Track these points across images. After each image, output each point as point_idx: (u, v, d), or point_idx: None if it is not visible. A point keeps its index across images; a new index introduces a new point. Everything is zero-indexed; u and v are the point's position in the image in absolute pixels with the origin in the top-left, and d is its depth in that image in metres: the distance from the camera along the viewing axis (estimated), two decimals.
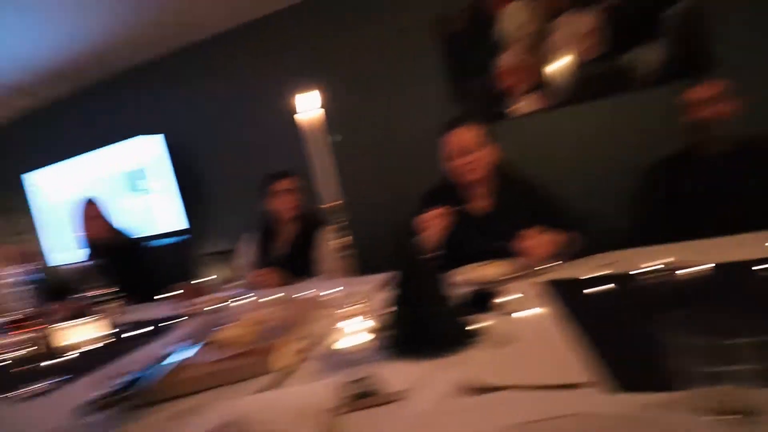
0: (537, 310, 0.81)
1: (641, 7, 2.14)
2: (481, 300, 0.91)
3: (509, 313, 0.82)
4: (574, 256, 1.16)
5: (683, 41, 2.10)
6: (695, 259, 0.89)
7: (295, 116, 0.90)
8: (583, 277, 0.96)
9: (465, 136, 1.36)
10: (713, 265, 0.85)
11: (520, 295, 0.91)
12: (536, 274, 1.05)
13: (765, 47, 2.02)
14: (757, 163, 1.44)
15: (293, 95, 0.90)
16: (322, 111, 0.89)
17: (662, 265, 0.90)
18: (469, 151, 1.35)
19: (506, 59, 2.35)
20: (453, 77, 2.46)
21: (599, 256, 1.13)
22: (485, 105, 2.41)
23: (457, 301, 0.87)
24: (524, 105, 2.35)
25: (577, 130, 2.33)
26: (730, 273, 0.82)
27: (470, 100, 2.43)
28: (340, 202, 0.93)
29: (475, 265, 1.16)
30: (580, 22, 2.24)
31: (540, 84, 2.32)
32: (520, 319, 0.80)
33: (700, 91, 1.47)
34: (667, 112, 1.75)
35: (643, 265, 0.92)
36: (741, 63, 1.99)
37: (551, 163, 2.34)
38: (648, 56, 2.16)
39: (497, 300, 0.89)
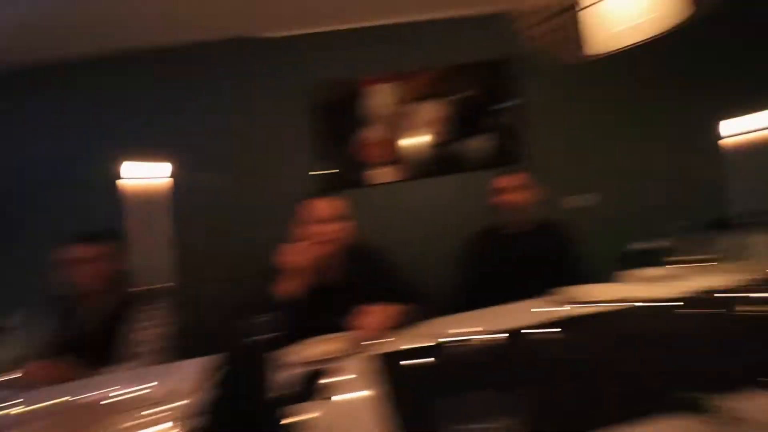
0: (360, 393, 0.81)
1: (482, 104, 2.66)
2: (309, 384, 0.88)
3: (331, 397, 0.81)
4: (412, 326, 1.20)
5: (506, 135, 2.67)
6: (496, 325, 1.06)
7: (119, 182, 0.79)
8: (403, 349, 1.00)
9: (325, 206, 1.39)
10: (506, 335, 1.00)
11: (350, 375, 0.89)
12: (371, 348, 1.05)
13: (559, 149, 2.70)
14: (550, 242, 1.83)
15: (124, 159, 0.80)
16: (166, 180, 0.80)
17: (465, 336, 1.00)
18: (326, 221, 1.37)
19: (370, 133, 2.59)
20: (320, 145, 2.58)
21: (426, 324, 1.21)
22: (348, 172, 2.58)
23: (282, 389, 0.83)
24: (382, 175, 2.60)
25: (427, 201, 2.63)
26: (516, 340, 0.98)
27: (334, 166, 2.57)
28: (166, 276, 0.83)
29: (314, 340, 1.13)
30: (433, 110, 2.65)
31: (397, 158, 2.61)
32: (341, 403, 0.79)
33: (505, 180, 1.84)
34: None
35: (452, 332, 1.03)
36: (543, 159, 2.62)
37: (403, 231, 2.58)
38: (482, 144, 2.66)
39: (325, 382, 0.88)
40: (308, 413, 0.75)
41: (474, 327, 1.06)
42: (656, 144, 2.80)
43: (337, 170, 2.57)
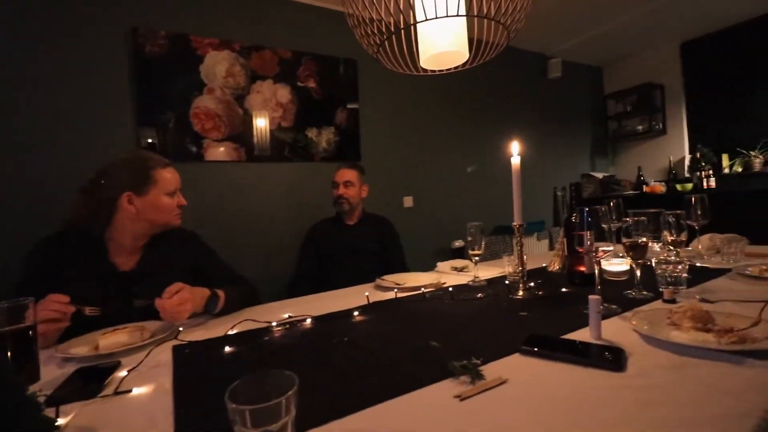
0: (152, 385, 0.72)
1: (325, 98, 2.69)
2: (97, 378, 0.74)
3: (116, 394, 0.69)
4: (226, 311, 1.13)
5: (346, 132, 2.79)
6: (309, 311, 1.10)
7: None
8: (213, 338, 0.93)
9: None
10: (310, 318, 1.02)
11: (139, 368, 0.78)
12: (171, 337, 0.93)
13: (383, 149, 2.99)
14: (378, 234, 2.01)
15: None
16: None
17: (274, 323, 0.98)
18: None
19: (204, 101, 2.32)
20: (144, 104, 2.17)
21: (247, 310, 1.18)
22: (177, 141, 2.25)
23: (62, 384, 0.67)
24: (220, 152, 2.36)
25: (266, 185, 2.52)
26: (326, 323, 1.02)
27: (162, 131, 2.21)
28: None
29: (103, 332, 0.95)
30: (277, 92, 2.55)
31: (235, 135, 2.40)
32: (134, 397, 0.69)
33: (342, 173, 1.95)
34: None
35: (267, 321, 1.02)
36: (372, 157, 2.86)
37: (240, 212, 2.44)
38: (324, 137, 2.72)
39: (116, 376, 0.75)
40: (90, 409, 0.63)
41: (295, 312, 1.08)
42: (464, 157, 3.42)
43: (167, 137, 2.20)
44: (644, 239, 1.05)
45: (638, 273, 1.08)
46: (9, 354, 0.74)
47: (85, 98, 2.04)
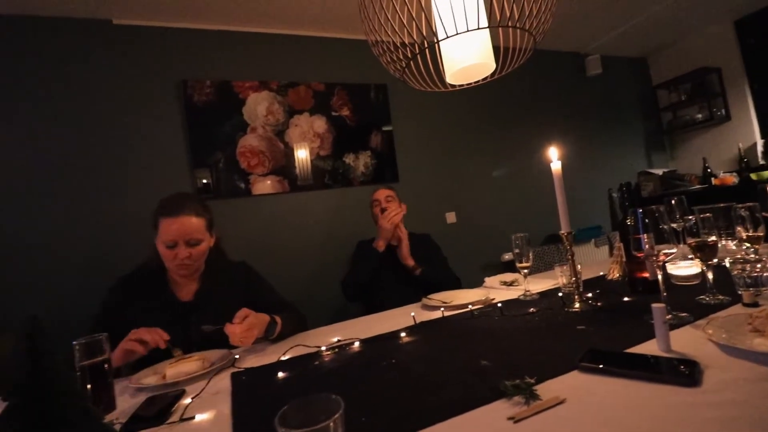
0: (204, 415, 0.75)
1: (360, 124, 2.78)
2: (154, 409, 0.79)
3: (181, 421, 0.74)
4: (282, 336, 1.17)
5: (382, 155, 2.84)
6: (368, 332, 1.11)
7: None
8: (267, 364, 0.96)
9: (190, 224, 1.17)
10: (358, 341, 1.03)
11: (201, 395, 0.82)
12: (229, 365, 0.98)
13: (421, 168, 2.99)
14: (421, 251, 1.99)
15: None
16: None
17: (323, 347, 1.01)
18: (192, 242, 1.18)
19: (249, 140, 2.48)
20: (197, 148, 2.37)
21: (297, 336, 1.21)
22: (227, 179, 2.42)
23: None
24: (265, 186, 2.50)
25: (309, 212, 2.61)
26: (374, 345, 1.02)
27: (213, 171, 2.40)
28: None
29: (169, 362, 1.03)
30: (314, 124, 2.67)
31: (278, 168, 2.54)
32: (199, 423, 0.73)
33: (377, 193, 1.97)
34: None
35: (321, 346, 1.03)
36: (410, 177, 2.88)
37: (286, 241, 2.54)
38: (362, 161, 2.79)
39: (174, 405, 0.80)
40: None
41: (343, 336, 1.09)
42: (504, 167, 3.33)
43: (217, 177, 2.39)
44: (713, 238, 0.95)
45: (710, 275, 0.97)
46: (88, 386, 0.82)
47: (148, 145, 2.27)
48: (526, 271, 1.31)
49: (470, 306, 1.23)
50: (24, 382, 0.54)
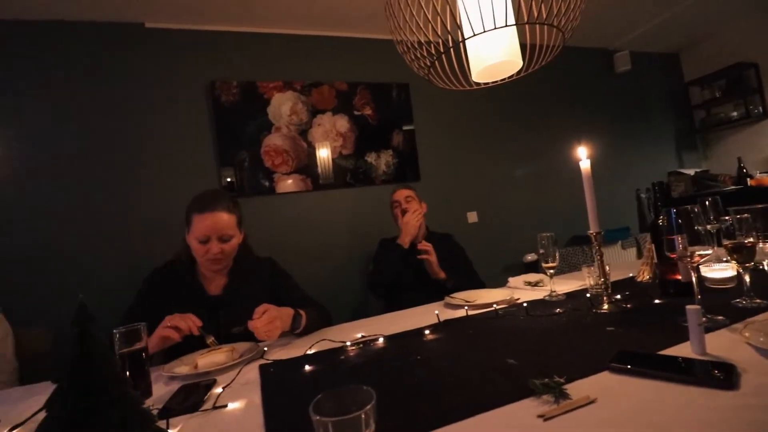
0: (246, 401, 0.79)
1: (382, 123, 2.80)
2: (188, 397, 0.83)
3: (224, 406, 0.77)
4: (308, 331, 1.19)
5: (403, 154, 2.85)
6: (392, 329, 1.12)
7: None
8: (294, 357, 0.98)
9: (222, 221, 1.20)
10: (382, 338, 1.04)
11: (232, 385, 0.85)
12: (257, 356, 1.01)
13: (442, 167, 2.98)
14: (444, 251, 1.98)
15: None
16: None
17: (347, 342, 1.02)
18: (225, 238, 1.22)
19: (273, 139, 2.54)
20: (223, 147, 2.44)
21: (323, 331, 1.23)
22: (252, 177, 2.48)
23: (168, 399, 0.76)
24: (288, 184, 2.55)
25: (331, 211, 2.64)
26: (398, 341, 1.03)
27: (238, 170, 2.46)
28: None
29: (201, 352, 1.06)
30: (336, 123, 2.70)
31: (301, 167, 2.58)
32: (230, 413, 0.76)
33: (397, 194, 1.98)
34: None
35: (347, 341, 1.05)
36: (431, 176, 2.87)
37: (308, 238, 2.58)
38: (383, 160, 2.80)
39: (213, 392, 0.83)
40: (194, 422, 0.70)
41: (367, 332, 1.10)
42: (529, 166, 3.27)
43: (243, 175, 2.45)
44: (750, 239, 0.92)
45: (747, 278, 0.94)
46: (127, 372, 0.86)
47: (178, 144, 2.35)
48: (552, 271, 1.29)
49: (495, 305, 1.22)
50: (74, 365, 0.58)
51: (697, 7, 3.07)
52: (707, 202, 1.23)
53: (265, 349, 1.06)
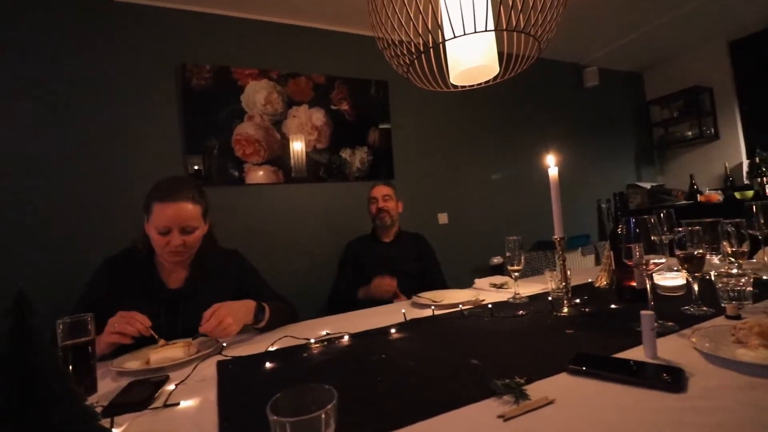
0: (200, 399, 0.75)
1: (358, 119, 2.77)
2: (137, 394, 0.78)
3: (165, 407, 0.72)
4: (271, 326, 1.16)
5: (379, 152, 2.84)
6: (358, 327, 1.11)
7: None
8: (254, 354, 0.95)
9: (185, 211, 1.13)
10: (347, 336, 1.03)
11: (186, 382, 0.80)
12: (215, 352, 0.97)
13: (416, 167, 2.99)
14: (414, 251, 2.00)
15: None
16: None
17: (311, 339, 1.00)
18: (188, 229, 1.14)
19: (245, 128, 2.45)
20: (192, 133, 2.33)
21: (286, 327, 1.20)
22: (221, 166, 2.39)
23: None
24: (259, 175, 2.48)
25: (303, 205, 2.59)
26: (363, 340, 1.02)
27: (207, 158, 2.36)
28: None
29: (154, 347, 1.00)
30: (312, 116, 2.65)
31: (273, 159, 2.52)
32: (183, 410, 0.72)
33: (376, 190, 1.98)
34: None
35: (311, 339, 1.04)
36: (405, 175, 2.88)
37: (278, 232, 2.52)
38: (358, 157, 2.78)
39: (165, 389, 0.79)
40: (141, 420, 0.66)
41: (333, 329, 1.08)
42: (499, 172, 3.35)
43: (212, 163, 2.35)
44: (700, 251, 0.98)
45: (696, 287, 1.00)
46: (70, 366, 0.80)
47: (141, 129, 2.23)
48: (516, 274, 1.32)
49: (460, 306, 1.23)
50: (8, 357, 0.53)
51: (661, 30, 3.25)
52: (662, 214, 1.29)
53: (224, 344, 1.02)
